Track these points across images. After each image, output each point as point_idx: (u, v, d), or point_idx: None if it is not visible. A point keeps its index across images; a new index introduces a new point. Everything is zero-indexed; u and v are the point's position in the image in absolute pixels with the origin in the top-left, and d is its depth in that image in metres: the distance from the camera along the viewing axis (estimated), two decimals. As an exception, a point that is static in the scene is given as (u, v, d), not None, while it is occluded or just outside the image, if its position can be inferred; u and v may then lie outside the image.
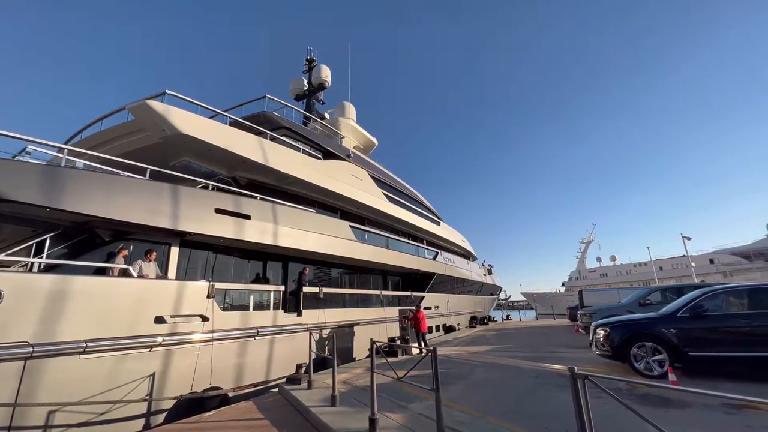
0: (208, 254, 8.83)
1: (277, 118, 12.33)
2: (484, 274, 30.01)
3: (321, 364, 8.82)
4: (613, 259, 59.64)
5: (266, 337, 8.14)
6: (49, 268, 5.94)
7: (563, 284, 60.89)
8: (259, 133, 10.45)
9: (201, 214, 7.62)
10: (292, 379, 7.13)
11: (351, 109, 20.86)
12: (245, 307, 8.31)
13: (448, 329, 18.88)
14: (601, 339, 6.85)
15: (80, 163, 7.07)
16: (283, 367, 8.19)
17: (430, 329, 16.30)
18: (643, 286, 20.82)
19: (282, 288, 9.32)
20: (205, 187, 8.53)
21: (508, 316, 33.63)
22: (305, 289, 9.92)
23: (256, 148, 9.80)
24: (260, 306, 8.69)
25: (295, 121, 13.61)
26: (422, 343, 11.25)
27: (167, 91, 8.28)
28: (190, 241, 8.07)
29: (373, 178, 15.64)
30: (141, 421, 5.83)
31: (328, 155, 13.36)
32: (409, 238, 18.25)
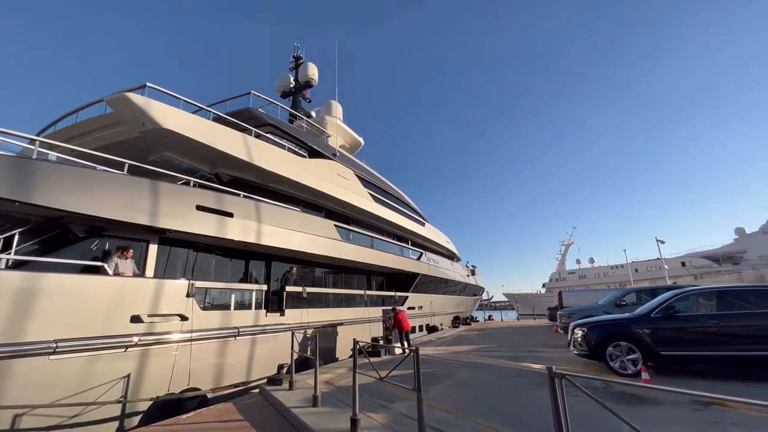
0: (189, 252, 8.62)
1: (263, 115, 12.14)
2: (468, 275, 30.36)
3: (303, 364, 8.74)
4: (592, 261, 61.42)
5: (247, 337, 8.01)
6: (17, 265, 5.67)
7: (544, 285, 62.28)
8: (244, 130, 10.26)
9: (181, 211, 7.42)
10: (274, 380, 7.04)
11: (338, 108, 20.73)
12: (226, 307, 8.15)
13: (432, 329, 19.01)
14: (579, 339, 7.03)
15: (53, 155, 6.78)
16: (264, 367, 8.07)
17: (414, 329, 16.38)
18: (619, 288, 21.51)
19: (264, 287, 9.18)
20: (186, 184, 8.31)
21: (490, 317, 34.12)
22: (288, 289, 9.81)
23: (240, 145, 9.62)
24: (242, 305, 8.54)
25: (281, 118, 13.42)
26: (405, 342, 11.29)
27: (148, 84, 8.03)
28: (170, 239, 7.86)
29: (359, 178, 15.60)
30: (114, 424, 5.64)
31: (314, 154, 13.24)
32: (394, 239, 18.28)
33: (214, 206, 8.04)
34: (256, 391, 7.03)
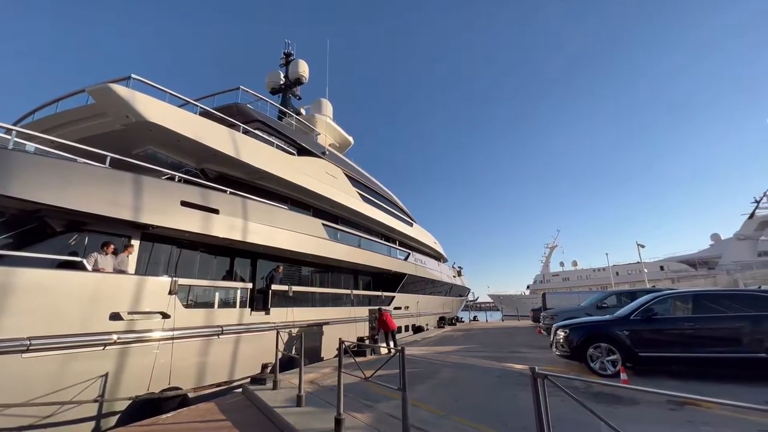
0: (172, 249, 8.44)
1: (251, 111, 11.99)
2: (454, 276, 30.62)
3: (288, 363, 8.66)
4: (575, 264, 62.68)
5: (231, 336, 7.89)
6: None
7: (528, 287, 63.30)
8: (232, 126, 10.10)
9: (165, 206, 7.26)
10: (257, 379, 6.95)
11: (328, 106, 20.62)
12: (210, 305, 8.02)
13: (417, 329, 19.10)
14: (561, 340, 7.17)
15: (31, 146, 6.55)
16: (248, 366, 7.97)
17: (400, 329, 16.43)
18: (601, 290, 22.03)
19: (250, 285, 9.06)
20: (171, 179, 8.14)
21: (475, 317, 34.53)
22: (274, 287, 9.71)
23: (227, 141, 9.46)
24: (226, 304, 8.40)
25: (270, 115, 13.27)
26: (391, 342, 11.31)
27: (133, 76, 7.83)
28: (153, 235, 7.69)
29: (348, 177, 15.56)
30: (91, 424, 5.49)
31: (303, 152, 13.14)
32: (382, 239, 18.30)
33: (200, 202, 7.90)
34: (240, 390, 6.93)
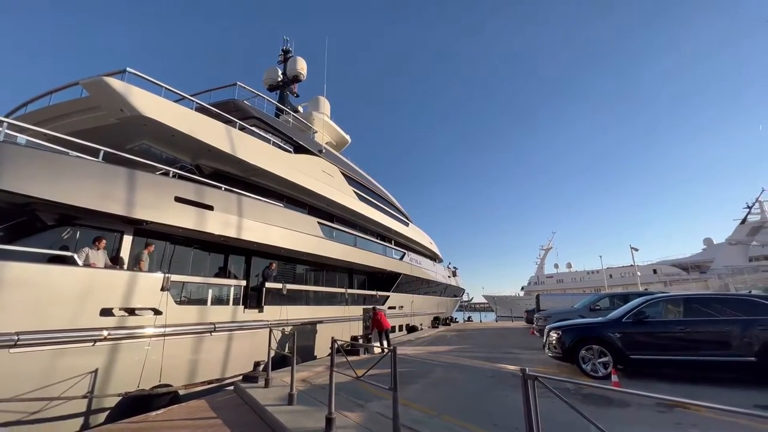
0: (166, 245, 8.38)
1: (248, 108, 11.92)
2: (449, 276, 30.70)
3: (281, 362, 8.64)
4: (569, 266, 63.09)
5: (224, 333, 7.85)
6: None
7: (523, 288, 63.57)
8: (228, 122, 10.04)
9: (159, 202, 7.20)
10: (249, 377, 6.92)
11: (325, 104, 20.56)
12: (203, 302, 7.97)
13: (411, 329, 19.13)
14: (554, 341, 7.20)
15: (22, 138, 6.46)
16: (240, 364, 7.94)
17: (394, 329, 16.44)
18: (594, 293, 22.20)
19: (243, 283, 9.02)
20: (166, 174, 8.08)
21: (469, 318, 34.67)
22: (268, 285, 9.67)
23: (223, 137, 9.40)
24: (219, 301, 8.36)
25: (267, 112, 13.22)
26: (385, 342, 11.30)
27: (128, 69, 7.74)
28: (146, 230, 7.62)
29: (345, 176, 15.52)
30: (79, 420, 5.43)
31: (300, 149, 13.10)
32: (377, 238, 18.29)
33: (194, 198, 7.84)
34: (231, 388, 6.90)
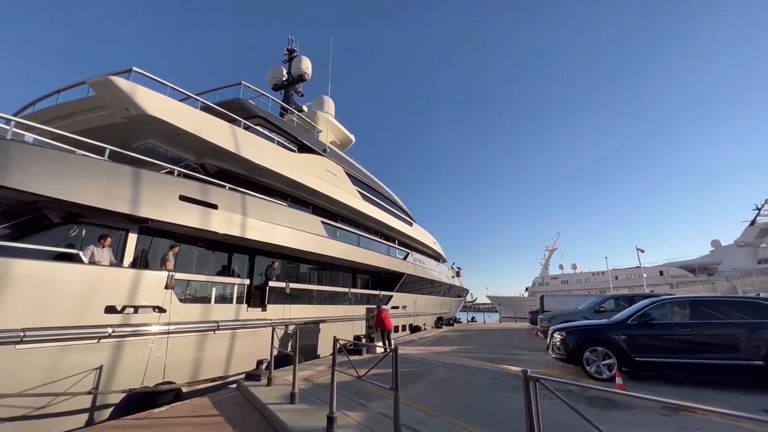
0: (170, 243, 8.42)
1: (253, 107, 11.96)
2: (453, 276, 30.60)
3: (284, 360, 8.66)
4: (574, 267, 62.58)
5: (227, 332, 7.88)
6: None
7: (527, 289, 63.21)
8: (233, 121, 10.08)
9: (164, 200, 7.25)
10: (252, 376, 6.95)
11: (330, 104, 20.57)
12: (207, 300, 8.01)
13: (414, 329, 19.10)
14: (558, 343, 7.15)
15: (30, 137, 6.53)
16: (243, 362, 7.97)
17: (396, 328, 16.42)
18: (599, 294, 22.01)
19: (247, 281, 9.05)
20: (171, 173, 8.13)
21: (473, 318, 34.57)
22: (271, 284, 9.70)
23: (228, 136, 9.44)
24: (223, 299, 8.40)
25: (272, 111, 13.25)
26: (387, 341, 11.29)
27: (134, 69, 7.79)
28: (151, 229, 7.67)
29: (349, 175, 15.53)
30: (84, 416, 5.48)
31: (304, 149, 13.12)
32: (381, 237, 18.28)
33: (199, 197, 7.88)
34: (234, 386, 6.93)
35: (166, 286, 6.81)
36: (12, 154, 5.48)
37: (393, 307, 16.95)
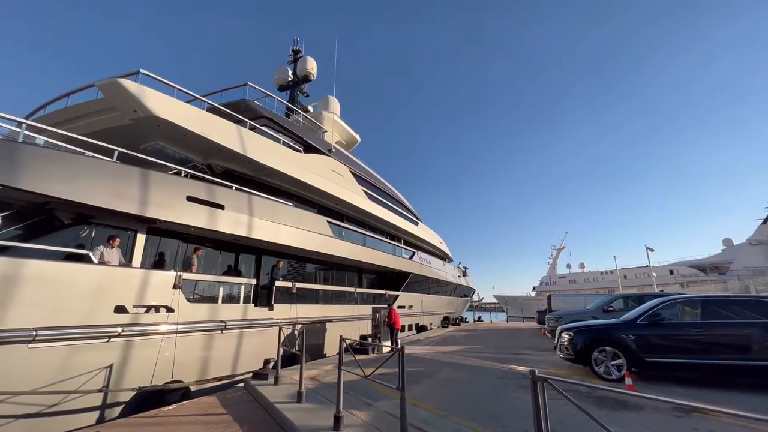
0: (178, 243, 8.52)
1: (259, 108, 12.03)
2: (459, 276, 30.49)
3: (290, 360, 8.70)
4: (582, 266, 62.07)
5: (234, 331, 7.94)
6: (-1, 250, 5.54)
7: (534, 289, 62.83)
8: (239, 122, 10.15)
9: (171, 201, 7.32)
10: (259, 375, 7.00)
11: (335, 104, 20.62)
12: (214, 300, 8.08)
13: (421, 328, 19.07)
14: (565, 343, 7.08)
15: (40, 139, 6.64)
16: (250, 362, 8.02)
17: (403, 328, 16.41)
18: (608, 294, 21.75)
19: (254, 281, 9.11)
20: (178, 174, 8.21)
21: (479, 318, 34.41)
22: (278, 284, 9.75)
23: (234, 137, 9.51)
24: (230, 299, 8.46)
25: (277, 111, 13.33)
26: (394, 341, 11.30)
27: (141, 71, 7.88)
28: (159, 229, 7.76)
29: (354, 175, 15.55)
30: (95, 414, 5.56)
31: (310, 149, 13.16)
32: (387, 237, 18.27)
33: (206, 198, 7.95)
34: (241, 385, 6.98)
35: (174, 286, 6.87)
36: (24, 156, 5.58)
37: (399, 307, 16.94)
